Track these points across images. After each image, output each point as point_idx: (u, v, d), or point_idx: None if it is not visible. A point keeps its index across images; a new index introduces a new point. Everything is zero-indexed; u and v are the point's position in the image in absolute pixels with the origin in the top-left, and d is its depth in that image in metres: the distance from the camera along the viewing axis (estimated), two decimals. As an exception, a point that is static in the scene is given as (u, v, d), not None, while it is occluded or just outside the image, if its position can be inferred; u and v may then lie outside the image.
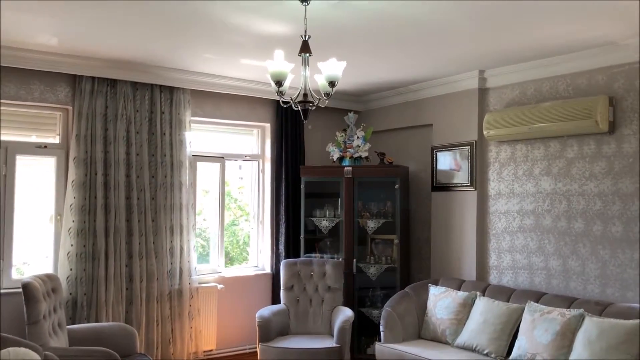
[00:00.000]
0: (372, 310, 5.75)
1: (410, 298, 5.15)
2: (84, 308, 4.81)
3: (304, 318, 5.45)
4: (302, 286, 5.56)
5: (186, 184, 5.43)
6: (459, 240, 5.47)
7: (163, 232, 5.26)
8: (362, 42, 4.32)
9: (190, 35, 4.19)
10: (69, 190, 4.87)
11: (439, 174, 5.71)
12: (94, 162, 4.94)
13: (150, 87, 5.26)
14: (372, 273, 5.78)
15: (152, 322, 5.15)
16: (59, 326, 4.32)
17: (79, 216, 4.85)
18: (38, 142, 4.98)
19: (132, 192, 5.10)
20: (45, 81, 4.86)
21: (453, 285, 5.10)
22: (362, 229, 5.85)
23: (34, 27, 4.03)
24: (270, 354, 4.91)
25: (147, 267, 5.16)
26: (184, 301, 5.35)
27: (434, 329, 4.91)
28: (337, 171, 5.86)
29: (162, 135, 5.31)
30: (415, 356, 4.53)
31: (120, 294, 4.99)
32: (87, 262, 4.87)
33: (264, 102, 6.07)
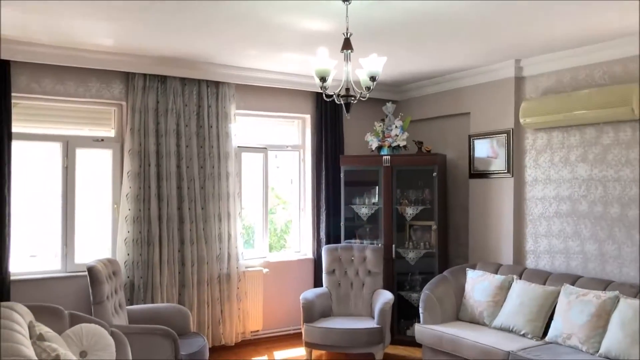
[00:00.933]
0: (412, 294, 5.95)
1: (448, 282, 5.33)
2: (140, 290, 5.16)
3: (346, 300, 5.70)
4: (343, 270, 5.80)
5: (232, 174, 5.72)
6: (496, 225, 5.61)
7: (212, 219, 5.56)
8: (400, 36, 4.49)
9: (236, 33, 4.44)
10: (125, 180, 5.21)
11: (477, 161, 5.85)
12: (147, 154, 5.26)
13: (197, 82, 5.55)
14: (411, 258, 5.98)
15: (203, 304, 5.47)
16: (119, 306, 4.67)
17: (135, 204, 5.19)
18: (95, 135, 5.34)
19: (182, 181, 5.41)
20: (101, 79, 5.20)
21: (490, 269, 5.26)
22: (401, 216, 6.04)
23: (92, 29, 4.34)
24: (314, 333, 5.18)
25: (198, 252, 5.47)
26: (232, 284, 5.65)
27: (471, 311, 5.08)
28: (376, 160, 6.05)
29: (209, 127, 5.60)
30: (453, 336, 4.72)
31: (174, 278, 5.33)
32: (142, 247, 5.21)
33: (305, 94, 6.30)
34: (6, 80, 4.69)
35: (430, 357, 5.03)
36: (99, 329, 3.69)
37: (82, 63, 4.98)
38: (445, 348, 4.78)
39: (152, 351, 4.14)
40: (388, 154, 6.05)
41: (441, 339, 4.82)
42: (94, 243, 5.35)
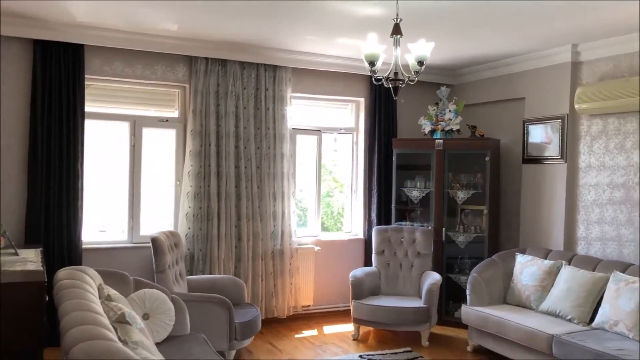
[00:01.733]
0: (460, 277, 6.03)
1: (497, 265, 5.38)
2: (199, 262, 5.49)
3: (394, 280, 5.85)
4: (393, 251, 5.94)
5: (287, 155, 5.94)
6: (548, 211, 5.60)
7: (267, 197, 5.82)
8: (451, 22, 4.55)
9: (293, 19, 4.62)
10: (187, 158, 5.52)
11: (530, 146, 5.83)
12: (207, 134, 5.55)
13: (256, 66, 5.78)
14: (461, 241, 6.04)
15: (257, 277, 5.76)
16: (180, 276, 5.01)
17: (195, 182, 5.50)
18: (160, 116, 5.67)
19: (240, 161, 5.68)
20: (166, 62, 5.51)
21: (540, 254, 5.27)
22: (452, 200, 6.10)
23: (159, 16, 4.62)
24: (362, 310, 5.37)
25: (253, 229, 5.75)
26: (284, 260, 5.91)
27: (518, 295, 5.13)
28: (429, 143, 6.12)
29: (266, 110, 5.84)
30: (499, 318, 4.80)
31: (230, 251, 5.62)
32: (202, 222, 5.52)
33: (359, 78, 6.43)
34: (81, 63, 5.07)
35: (475, 338, 5.13)
36: (161, 295, 4.01)
37: (149, 47, 5.29)
38: (490, 329, 4.86)
39: (208, 318, 4.45)
40: (441, 137, 6.10)
41: (486, 321, 4.91)
42: (158, 217, 5.71)
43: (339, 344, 5.36)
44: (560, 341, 4.23)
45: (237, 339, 4.56)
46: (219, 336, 4.44)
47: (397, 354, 5.04)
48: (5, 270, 3.70)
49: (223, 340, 4.48)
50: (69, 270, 3.55)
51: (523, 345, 4.58)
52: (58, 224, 4.97)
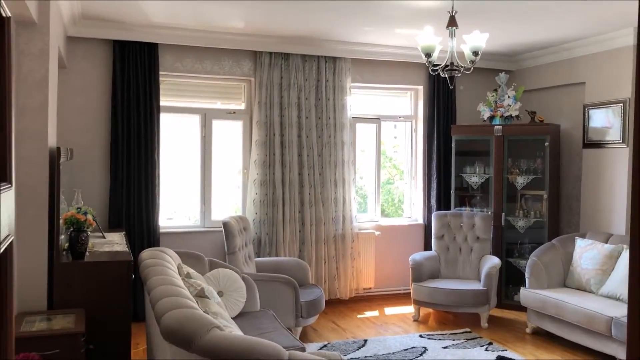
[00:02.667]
0: (520, 261, 6.10)
1: (556, 249, 5.43)
2: (266, 245, 5.82)
3: (454, 264, 5.99)
4: (452, 236, 6.08)
5: (347, 143, 6.17)
6: (609, 195, 5.59)
7: (328, 184, 6.08)
8: (508, 8, 4.62)
9: (352, 12, 4.82)
10: (253, 148, 5.85)
11: (591, 131, 5.81)
12: (272, 125, 5.85)
13: (316, 58, 6.02)
14: (521, 226, 6.11)
15: (320, 260, 6.04)
16: (249, 257, 5.35)
17: (261, 169, 5.82)
18: (228, 108, 6.02)
19: (302, 149, 5.96)
20: (233, 57, 5.83)
21: (600, 239, 5.29)
22: (511, 185, 6.16)
23: (227, 13, 4.93)
24: (422, 292, 5.55)
25: (316, 214, 6.02)
26: (346, 244, 6.16)
27: (578, 278, 5.18)
28: (488, 130, 6.19)
29: (326, 100, 6.07)
30: (558, 301, 4.88)
31: (295, 235, 5.93)
32: (268, 207, 5.84)
33: (417, 66, 6.55)
34: (155, 60, 5.47)
35: (534, 320, 5.22)
36: (233, 274, 4.35)
37: (217, 44, 5.63)
38: (549, 312, 4.95)
39: (276, 296, 4.76)
40: (500, 124, 6.16)
41: (545, 303, 4.99)
42: (227, 203, 6.08)
43: (400, 324, 5.57)
44: (620, 323, 4.29)
45: (303, 316, 4.85)
46: (286, 314, 4.75)
47: (456, 335, 5.20)
48: (95, 251, 4.13)
49: (290, 317, 4.78)
50: (151, 250, 3.92)
51: (582, 327, 4.65)
52: (138, 209, 5.41)
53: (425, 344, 4.92)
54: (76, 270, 3.73)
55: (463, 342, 5.01)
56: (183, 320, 2.45)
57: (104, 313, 3.75)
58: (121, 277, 3.83)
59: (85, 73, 5.39)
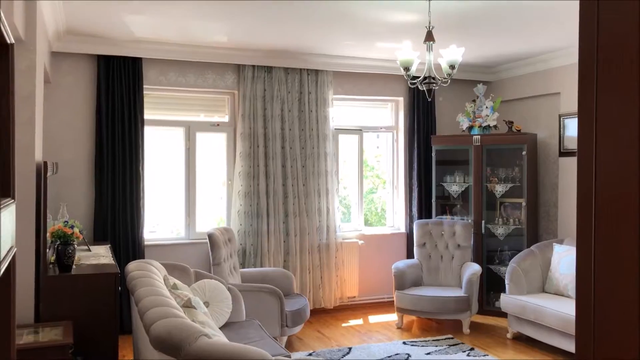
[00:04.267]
0: (500, 268, 6.24)
1: (535, 255, 5.57)
2: (251, 255, 5.88)
3: (435, 272, 6.10)
4: (434, 244, 6.19)
5: (330, 154, 6.27)
6: (585, 203, 5.74)
7: (312, 194, 6.17)
8: (485, 22, 4.77)
9: (334, 27, 4.94)
10: (237, 159, 5.92)
11: (567, 140, 5.99)
12: (256, 136, 5.93)
13: (299, 71, 6.13)
14: (500, 233, 6.25)
15: (305, 270, 6.12)
16: (234, 268, 5.41)
17: (245, 181, 5.90)
18: (212, 121, 6.09)
19: (286, 160, 6.05)
20: (216, 71, 5.92)
21: (577, 245, 5.43)
22: (491, 193, 6.31)
23: (210, 30, 5.03)
24: (405, 299, 5.65)
25: (300, 224, 6.11)
26: (330, 253, 6.25)
27: (556, 284, 5.32)
28: (467, 139, 6.34)
29: (309, 112, 6.18)
30: (537, 306, 5.01)
31: (279, 245, 6.00)
32: (252, 218, 5.91)
33: (397, 78, 6.69)
34: (139, 74, 5.53)
35: (515, 325, 5.35)
36: (219, 285, 4.41)
37: (201, 57, 5.72)
38: (529, 317, 5.08)
39: (261, 306, 4.82)
40: (478, 133, 6.31)
41: (525, 308, 5.12)
42: (212, 215, 6.14)
43: (384, 332, 5.66)
44: (596, 326, 4.42)
45: (288, 325, 4.92)
46: (271, 323, 4.81)
47: (439, 341, 5.30)
48: (82, 264, 4.17)
49: (275, 326, 4.85)
50: (137, 262, 3.97)
51: (561, 331, 4.78)
52: (123, 222, 5.45)
53: (409, 351, 5.01)
54: (63, 283, 3.77)
55: (445, 348, 5.11)
56: (172, 329, 2.52)
57: (91, 325, 3.78)
58: (108, 289, 3.87)
59: (69, 88, 5.44)
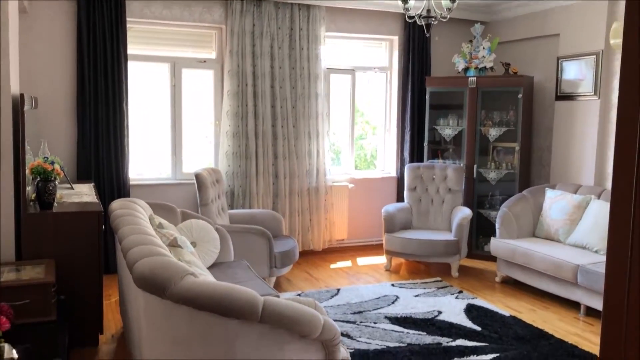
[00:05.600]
0: (491, 212, 6.20)
1: (526, 200, 5.52)
2: (240, 197, 5.77)
3: (425, 215, 6.05)
4: (425, 188, 6.12)
5: (321, 95, 6.08)
6: (579, 147, 5.66)
7: (302, 136, 6.01)
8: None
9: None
10: (225, 98, 5.72)
11: (564, 83, 5.84)
12: (244, 75, 5.72)
13: (290, 5, 5.86)
14: (492, 178, 6.18)
15: (294, 212, 6.03)
16: (222, 210, 5.31)
17: (234, 121, 5.72)
18: (199, 57, 5.85)
19: (276, 101, 5.86)
20: (203, 3, 5.64)
21: (570, 189, 5.38)
22: (484, 137, 6.20)
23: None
24: (394, 242, 5.61)
25: (290, 167, 5.98)
26: (320, 196, 6.15)
27: (547, 229, 5.29)
28: (462, 81, 6.17)
29: (300, 50, 5.95)
30: (527, 250, 4.98)
31: (268, 188, 5.89)
32: (241, 160, 5.77)
33: (393, 16, 6.44)
34: (122, 6, 5.24)
35: (503, 269, 5.34)
36: (206, 225, 4.31)
37: (186, -11, 5.42)
38: (518, 260, 5.06)
39: (250, 247, 4.75)
40: (474, 75, 6.14)
41: (514, 252, 5.10)
42: (199, 155, 5.98)
43: (372, 274, 5.64)
44: (586, 270, 4.41)
45: (277, 266, 4.87)
46: (260, 264, 4.75)
47: (427, 284, 5.30)
48: (64, 202, 4.03)
49: (264, 268, 4.79)
50: (122, 201, 3.85)
51: (549, 275, 4.78)
52: (107, 160, 5.28)
53: (397, 293, 5.00)
54: (45, 220, 3.64)
55: (434, 290, 5.10)
56: (156, 268, 2.41)
57: (74, 264, 3.69)
58: (91, 228, 3.76)
59: (48, 19, 5.15)
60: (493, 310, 4.61)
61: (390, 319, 4.37)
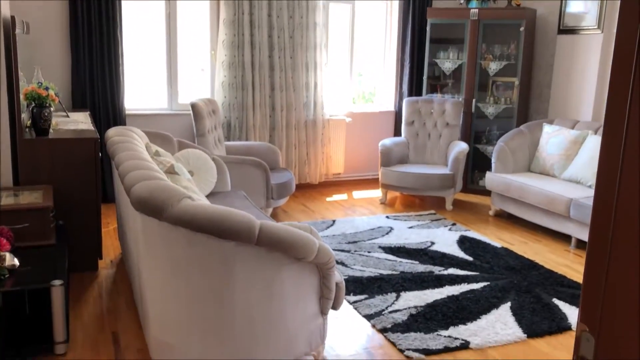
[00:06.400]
0: (487, 147, 6.20)
1: (523, 135, 5.52)
2: (236, 129, 5.75)
3: (422, 150, 6.06)
4: (422, 122, 6.09)
5: (320, 25, 5.95)
6: (580, 82, 5.61)
7: (300, 68, 5.92)
8: None
9: None
10: (221, 27, 5.60)
11: (567, 17, 5.72)
12: (240, 2, 5.56)
13: None
14: (490, 113, 6.15)
15: (291, 145, 6.03)
16: (218, 141, 5.30)
17: (230, 51, 5.62)
18: (194, -16, 5.68)
19: (273, 30, 5.73)
20: None
21: (567, 125, 5.37)
22: (484, 71, 6.12)
23: None
24: (390, 176, 5.64)
25: (287, 99, 5.92)
26: (317, 130, 6.13)
27: (542, 164, 5.31)
28: (464, 13, 6.03)
29: (298, -23, 5.77)
30: (522, 184, 5.03)
31: (265, 120, 5.85)
32: (237, 91, 5.71)
33: (395, -56, 6.22)
34: None
35: (497, 203, 5.40)
36: (203, 154, 4.31)
37: None
38: (513, 194, 5.11)
39: (246, 178, 4.77)
40: (477, 7, 6.00)
41: (509, 186, 5.15)
42: (195, 86, 5.90)
43: (368, 207, 5.70)
44: (579, 204, 4.47)
45: (274, 198, 4.91)
46: (256, 195, 4.78)
47: (421, 216, 5.37)
48: (59, 129, 4.01)
49: (260, 199, 4.83)
50: (118, 128, 3.84)
51: (542, 209, 4.84)
52: (102, 89, 5.22)
53: (392, 224, 5.07)
54: (41, 146, 3.63)
55: (428, 222, 5.18)
56: (154, 190, 2.43)
57: (72, 191, 3.71)
58: (88, 155, 3.76)
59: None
60: (485, 242, 4.69)
61: (384, 249, 4.45)
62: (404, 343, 3.06)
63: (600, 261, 0.80)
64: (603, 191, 0.82)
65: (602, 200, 0.82)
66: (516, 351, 3.06)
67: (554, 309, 3.52)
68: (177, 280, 2.49)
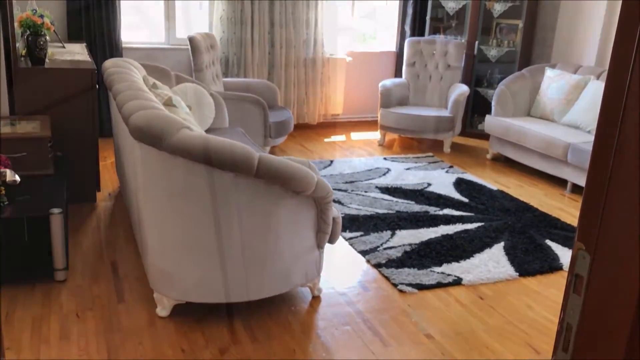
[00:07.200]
0: (488, 91, 6.14)
1: (525, 79, 5.46)
2: (234, 65, 5.66)
3: (422, 92, 6.00)
4: (424, 63, 6.01)
5: (322, -41, 5.78)
6: (585, 26, 5.50)
7: (300, 3, 5.78)
8: None
9: None
10: (220, -41, 5.43)
11: (577, -44, 5.55)
12: None
13: None
14: (493, 56, 6.06)
15: (289, 84, 5.96)
16: (216, 77, 5.23)
17: (229, -16, 5.47)
18: None
19: (273, -37, 5.57)
20: None
21: (570, 69, 5.31)
22: (488, 13, 5.99)
23: None
24: (389, 117, 5.61)
25: (286, 36, 5.81)
26: (316, 69, 6.04)
27: (543, 108, 5.28)
28: (470, -49, 5.86)
29: None
30: (521, 127, 5.01)
31: (264, 57, 5.76)
32: (236, 25, 5.58)
33: None
34: None
35: (496, 146, 5.40)
36: (201, 89, 4.26)
37: None
38: (511, 138, 5.11)
39: (244, 116, 4.74)
40: (483, -55, 5.82)
41: (508, 130, 5.13)
42: (192, 20, 5.76)
43: (365, 148, 5.70)
44: (577, 148, 4.47)
45: (272, 136, 4.89)
46: (254, 133, 4.76)
47: (419, 158, 5.38)
48: (55, 59, 3.94)
49: (258, 137, 4.81)
50: (115, 60, 3.78)
51: (540, 153, 4.85)
52: (98, 20, 5.10)
53: (389, 166, 5.09)
54: (37, 76, 3.58)
55: (425, 164, 5.19)
56: (152, 120, 2.42)
57: (69, 122, 3.68)
58: (85, 85, 3.71)
59: None
60: (481, 184, 4.72)
61: (381, 189, 4.48)
62: (398, 278, 3.13)
63: (600, 178, 0.80)
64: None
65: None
66: (507, 288, 3.14)
67: (546, 250, 3.58)
68: (175, 210, 2.51)
